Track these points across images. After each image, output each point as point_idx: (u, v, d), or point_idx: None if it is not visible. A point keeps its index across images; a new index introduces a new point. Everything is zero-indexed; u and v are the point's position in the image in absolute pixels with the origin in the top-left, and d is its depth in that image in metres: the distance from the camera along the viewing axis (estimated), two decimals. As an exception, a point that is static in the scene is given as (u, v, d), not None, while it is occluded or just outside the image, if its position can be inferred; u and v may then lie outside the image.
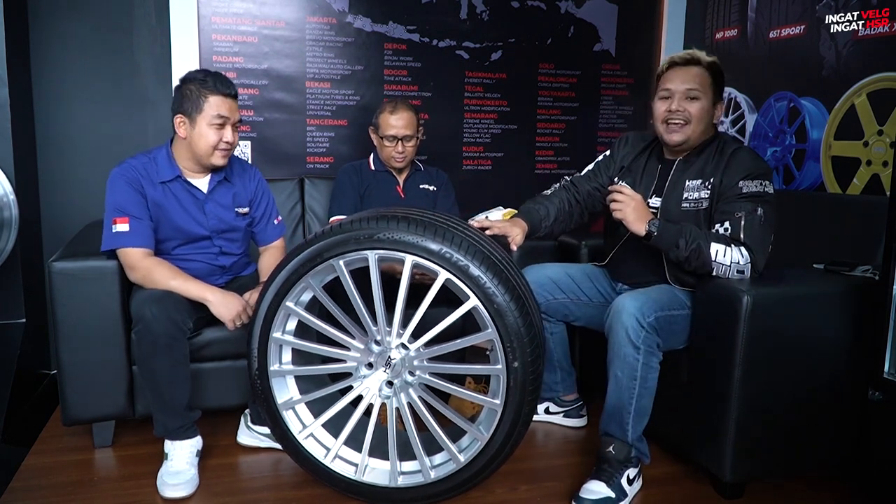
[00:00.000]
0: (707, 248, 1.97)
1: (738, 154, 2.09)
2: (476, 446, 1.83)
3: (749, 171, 2.03)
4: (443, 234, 1.70)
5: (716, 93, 2.13)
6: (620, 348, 1.96)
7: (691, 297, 2.09)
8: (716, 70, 2.13)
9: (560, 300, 2.37)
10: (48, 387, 2.80)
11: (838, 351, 2.03)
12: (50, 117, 2.91)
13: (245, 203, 2.35)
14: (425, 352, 1.83)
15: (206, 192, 2.25)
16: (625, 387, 1.97)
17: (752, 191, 2.02)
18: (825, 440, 2.10)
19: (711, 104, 2.13)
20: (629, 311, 1.95)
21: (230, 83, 2.18)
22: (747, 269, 1.98)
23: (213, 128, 2.14)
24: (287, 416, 1.93)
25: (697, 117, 2.10)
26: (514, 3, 3.37)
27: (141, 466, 2.17)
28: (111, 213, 2.10)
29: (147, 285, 2.08)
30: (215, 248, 2.29)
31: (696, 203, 2.11)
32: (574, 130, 3.59)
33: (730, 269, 1.97)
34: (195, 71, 2.19)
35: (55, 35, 2.87)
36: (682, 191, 2.14)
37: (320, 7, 3.13)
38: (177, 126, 2.16)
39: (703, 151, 2.16)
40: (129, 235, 2.08)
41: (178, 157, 2.20)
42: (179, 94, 2.15)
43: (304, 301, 1.86)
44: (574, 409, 2.56)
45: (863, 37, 2.54)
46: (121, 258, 2.10)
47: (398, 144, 2.68)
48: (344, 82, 3.22)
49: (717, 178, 2.07)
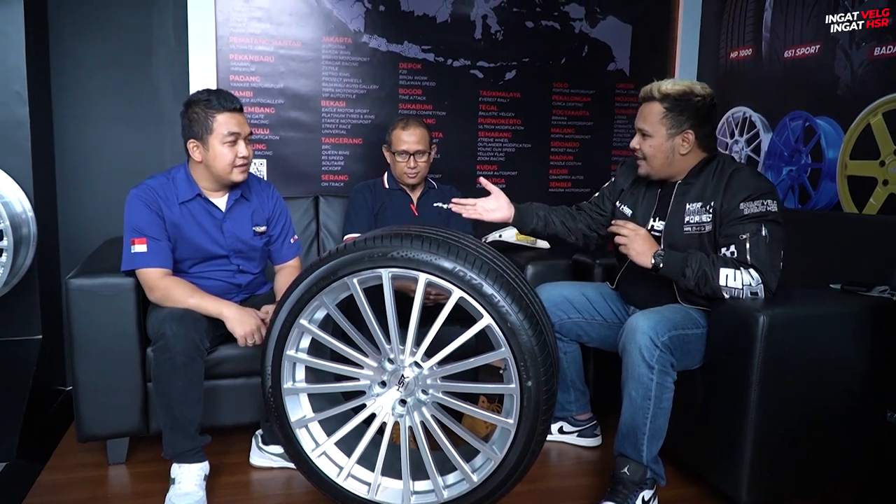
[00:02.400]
0: (714, 274, 1.97)
1: (736, 175, 2.06)
2: (489, 466, 1.81)
3: (750, 192, 2.01)
4: (456, 252, 1.70)
5: (673, 125, 2.10)
6: (634, 368, 1.95)
7: (705, 315, 2.08)
8: (671, 101, 2.09)
9: (574, 319, 2.36)
10: (63, 403, 2.81)
11: (855, 372, 2.01)
12: (69, 135, 2.95)
13: (263, 221, 2.36)
14: (438, 370, 1.82)
15: (225, 210, 2.27)
16: (639, 407, 1.96)
17: (753, 211, 2.00)
18: (842, 462, 2.07)
19: (667, 137, 2.11)
20: (643, 331, 1.93)
21: (234, 97, 2.19)
22: (760, 290, 1.96)
23: (227, 145, 2.16)
24: (300, 433, 1.92)
25: (650, 154, 2.14)
26: (528, 23, 3.39)
27: (154, 484, 2.17)
28: (129, 234, 2.12)
29: (166, 304, 2.09)
30: (233, 265, 2.30)
31: (699, 227, 2.10)
32: (588, 149, 3.59)
33: (742, 291, 1.96)
34: (196, 93, 2.20)
35: (75, 54, 2.92)
36: (683, 215, 2.13)
37: (336, 27, 3.16)
38: (191, 151, 2.18)
39: (700, 173, 2.14)
40: (146, 256, 2.10)
41: (197, 178, 2.23)
42: (187, 120, 2.17)
43: (317, 319, 1.86)
44: (588, 428, 2.54)
45: (878, 56, 2.53)
46: (139, 278, 2.12)
47: (410, 160, 2.70)
48: (359, 101, 3.25)
49: (718, 201, 2.05)
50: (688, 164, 2.15)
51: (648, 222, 2.22)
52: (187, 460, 2.05)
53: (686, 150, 2.12)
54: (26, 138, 2.61)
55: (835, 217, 2.59)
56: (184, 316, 2.01)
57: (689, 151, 2.12)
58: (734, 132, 3.26)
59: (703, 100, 2.09)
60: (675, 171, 2.16)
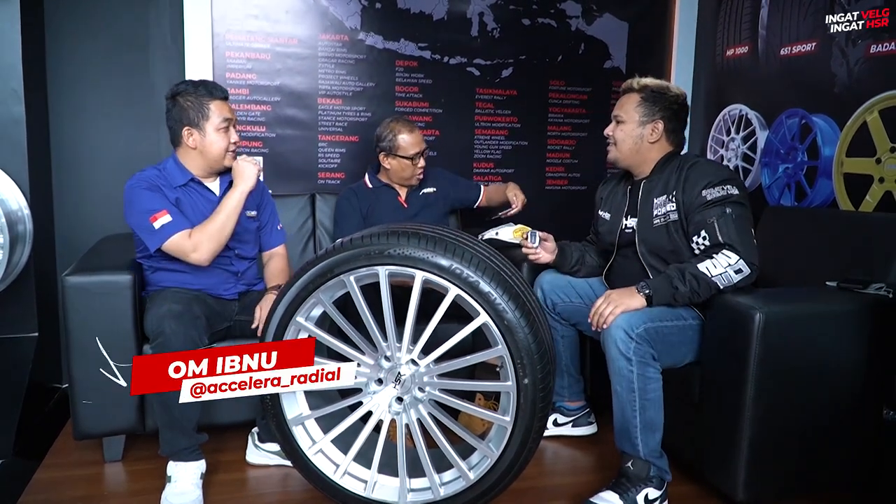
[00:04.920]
0: (699, 271, 1.99)
1: (696, 167, 2.16)
2: (486, 463, 1.82)
3: (709, 179, 2.10)
4: (453, 249, 1.70)
5: (646, 113, 2.24)
6: (614, 362, 1.99)
7: (689, 308, 2.10)
8: (648, 92, 2.24)
9: (576, 304, 2.43)
10: (60, 401, 2.81)
11: (852, 369, 2.01)
12: (65, 133, 2.95)
13: (253, 206, 2.40)
14: (435, 368, 1.82)
15: (219, 194, 2.30)
16: (626, 400, 1.99)
17: (715, 196, 2.07)
18: (839, 460, 2.08)
19: (639, 124, 2.24)
20: (617, 325, 1.98)
21: (221, 86, 2.25)
22: (742, 265, 2.00)
23: (221, 132, 2.22)
24: (297, 431, 1.92)
25: (620, 139, 2.28)
26: (524, 21, 3.39)
27: (150, 481, 2.17)
28: (145, 215, 2.11)
29: (221, 245, 2.15)
30: (230, 251, 2.31)
31: (665, 217, 2.18)
32: (584, 147, 3.59)
33: (726, 273, 1.99)
34: (181, 84, 2.24)
35: (71, 52, 2.91)
36: (651, 209, 2.22)
37: (333, 24, 3.16)
38: (185, 139, 2.21)
39: (664, 169, 2.24)
40: (173, 224, 2.11)
41: (189, 165, 2.26)
42: (178, 108, 2.19)
43: (314, 317, 1.86)
44: (582, 416, 2.56)
45: (875, 54, 2.53)
46: (176, 247, 2.12)
47: (421, 160, 2.76)
48: (355, 99, 3.24)
49: (679, 191, 2.15)
50: (653, 155, 2.26)
51: (622, 220, 2.32)
52: (184, 458, 2.05)
53: (654, 139, 2.24)
54: (22, 136, 2.60)
55: (831, 214, 2.58)
56: (182, 313, 2.01)
57: (657, 142, 2.25)
58: (731, 130, 3.26)
59: (676, 97, 2.25)
60: (641, 160, 2.28)
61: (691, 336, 2.10)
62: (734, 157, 3.23)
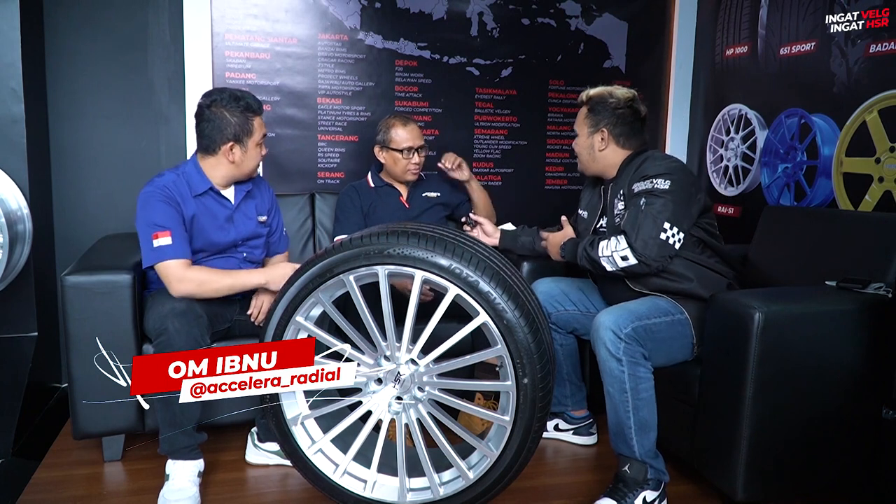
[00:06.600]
0: (592, 248, 2.15)
1: (644, 164, 2.20)
2: (485, 463, 1.82)
3: (643, 174, 2.15)
4: (453, 249, 1.70)
5: (591, 124, 2.31)
6: (605, 363, 2.00)
7: (678, 304, 2.11)
8: (593, 102, 2.31)
9: (570, 312, 2.43)
10: (59, 400, 2.81)
11: (851, 369, 2.01)
12: (64, 132, 2.94)
13: (264, 212, 2.39)
14: (434, 368, 1.82)
15: (234, 203, 2.29)
16: (618, 401, 1.99)
17: (640, 189, 2.13)
18: (838, 459, 2.08)
19: (587, 135, 2.32)
20: (605, 325, 1.99)
21: (258, 101, 2.23)
22: (628, 253, 2.06)
23: (259, 147, 2.23)
24: (296, 430, 1.92)
25: (578, 152, 2.38)
26: (524, 21, 3.39)
27: (150, 480, 2.17)
28: (149, 230, 2.08)
29: (202, 295, 2.08)
30: (240, 254, 2.31)
31: (620, 214, 2.22)
32: (584, 146, 3.58)
33: (612, 257, 2.10)
34: (222, 93, 2.16)
35: (71, 51, 2.91)
36: (614, 209, 2.26)
37: (332, 24, 3.16)
38: (224, 152, 2.17)
39: (625, 170, 2.27)
40: (172, 248, 2.07)
41: (212, 174, 2.22)
42: (222, 121, 2.14)
43: (313, 316, 1.86)
44: (584, 426, 2.54)
45: (874, 53, 2.53)
46: (164, 271, 2.07)
47: (415, 155, 2.73)
48: (355, 98, 3.24)
49: (626, 188, 2.20)
50: (611, 160, 2.31)
51: (596, 221, 2.38)
52: (182, 457, 2.05)
53: (603, 147, 2.30)
54: (22, 135, 2.60)
55: (830, 214, 2.58)
56: (186, 312, 2.01)
57: (607, 148, 2.29)
58: (730, 129, 3.26)
59: (618, 102, 2.28)
60: (602, 166, 2.33)
61: (680, 331, 2.10)
62: (734, 157, 3.24)
